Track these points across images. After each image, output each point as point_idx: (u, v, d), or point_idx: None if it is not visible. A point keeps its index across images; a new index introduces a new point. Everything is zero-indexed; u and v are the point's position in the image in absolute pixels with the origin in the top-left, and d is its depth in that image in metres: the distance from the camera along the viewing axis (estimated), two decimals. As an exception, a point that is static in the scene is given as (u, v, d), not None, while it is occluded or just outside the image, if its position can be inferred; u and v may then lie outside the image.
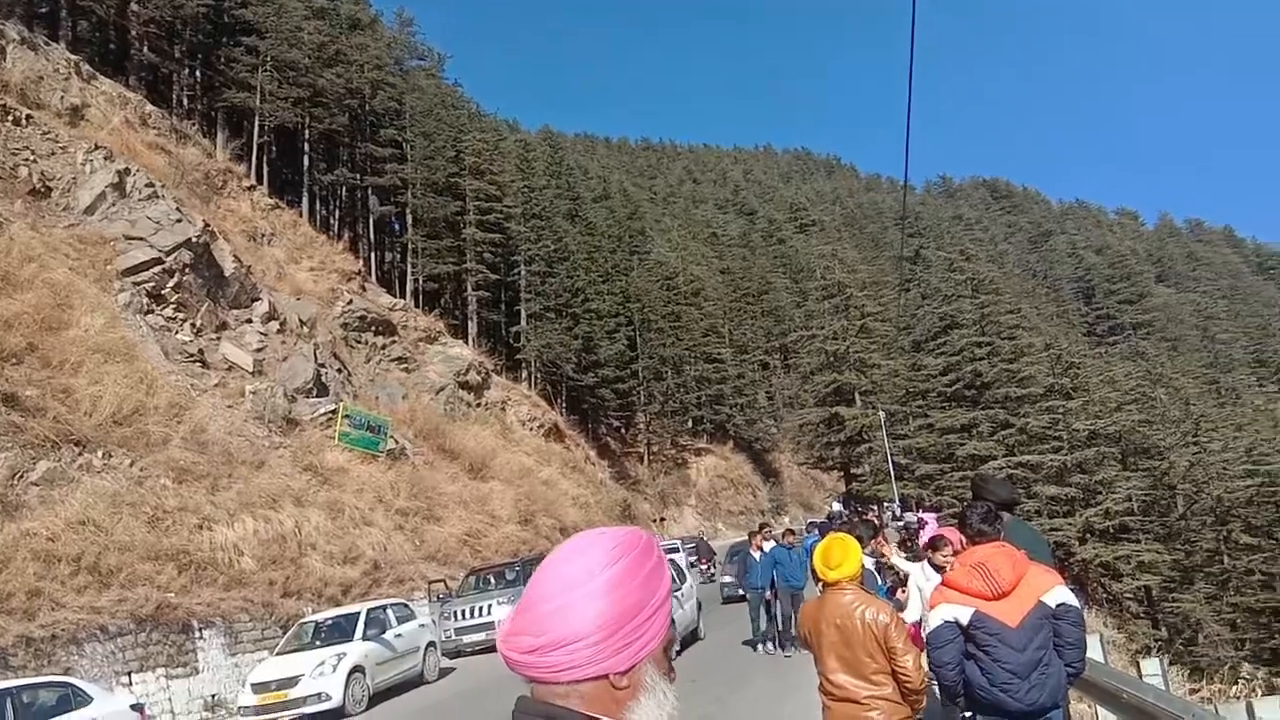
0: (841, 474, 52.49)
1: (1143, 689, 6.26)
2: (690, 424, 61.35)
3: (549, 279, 45.45)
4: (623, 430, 55.37)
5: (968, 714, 4.44)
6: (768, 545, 13.14)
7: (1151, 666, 6.95)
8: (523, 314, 44.85)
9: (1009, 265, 69.26)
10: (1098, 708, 8.01)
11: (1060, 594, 4.32)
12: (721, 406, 63.57)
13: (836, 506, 38.67)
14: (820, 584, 4.38)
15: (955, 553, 5.59)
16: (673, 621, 1.28)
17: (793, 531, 16.26)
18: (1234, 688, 10.05)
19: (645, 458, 54.47)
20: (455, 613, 17.81)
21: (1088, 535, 31.40)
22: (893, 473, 37.62)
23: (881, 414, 40.15)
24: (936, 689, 5.20)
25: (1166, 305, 69.39)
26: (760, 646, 12.90)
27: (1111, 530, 31.79)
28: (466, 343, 39.86)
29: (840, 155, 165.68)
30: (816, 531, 18.01)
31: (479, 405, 34.71)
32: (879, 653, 4.13)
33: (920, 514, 20.89)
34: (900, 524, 19.45)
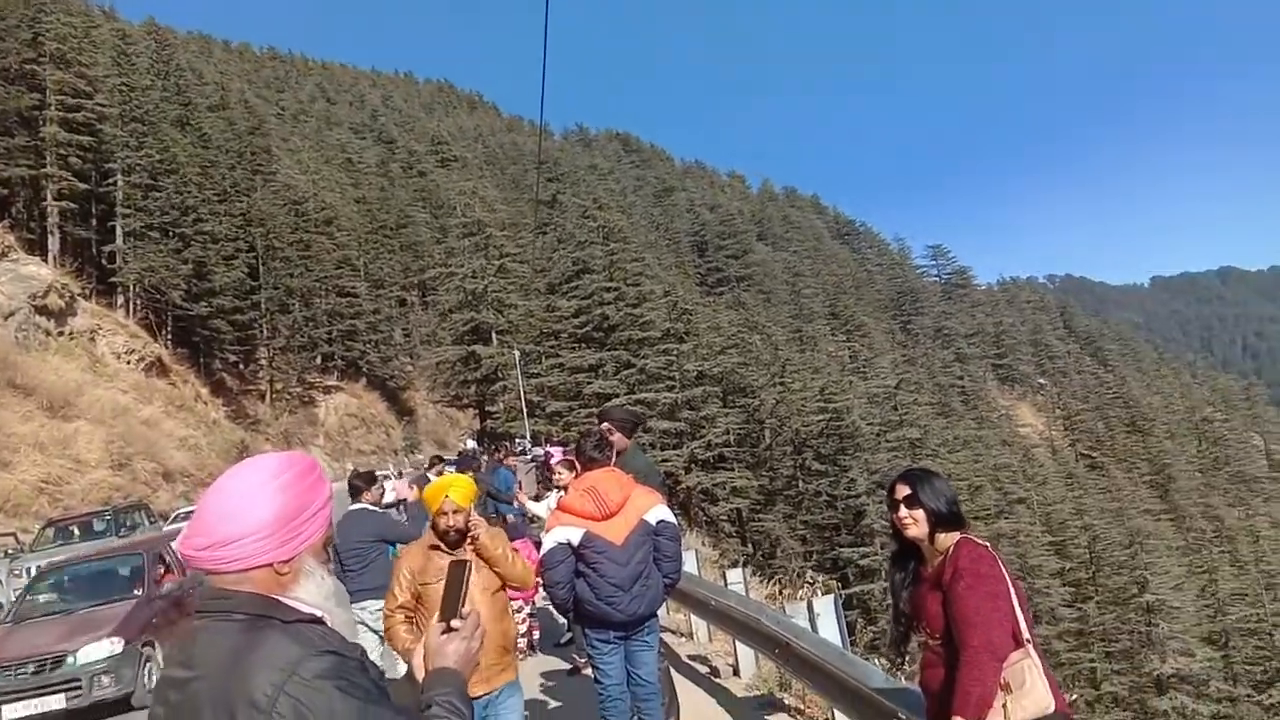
0: (476, 412, 53.14)
1: (726, 595, 7.16)
2: (320, 360, 58.16)
3: (153, 193, 40.13)
4: (241, 366, 51.05)
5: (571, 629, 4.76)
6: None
7: (735, 575, 7.95)
8: (119, 231, 39.24)
9: (636, 216, 73.81)
10: (691, 615, 9.03)
11: (660, 512, 4.78)
12: (355, 343, 60.98)
13: (470, 444, 39.08)
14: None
15: (570, 466, 5.92)
16: (330, 523, 1.62)
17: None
18: (800, 591, 11.82)
19: (268, 396, 50.80)
20: (27, 569, 15.54)
21: (692, 465, 34.93)
22: (525, 410, 38.77)
23: (517, 353, 41.05)
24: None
25: (764, 262, 78.32)
26: None
27: (711, 460, 35.62)
28: (46, 261, 34.11)
29: (483, 93, 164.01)
30: (454, 468, 18.10)
31: (62, 334, 30.03)
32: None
33: (548, 447, 21.82)
34: (529, 458, 20.15)
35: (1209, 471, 64.28)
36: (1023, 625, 2.95)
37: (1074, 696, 28.61)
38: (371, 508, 7.10)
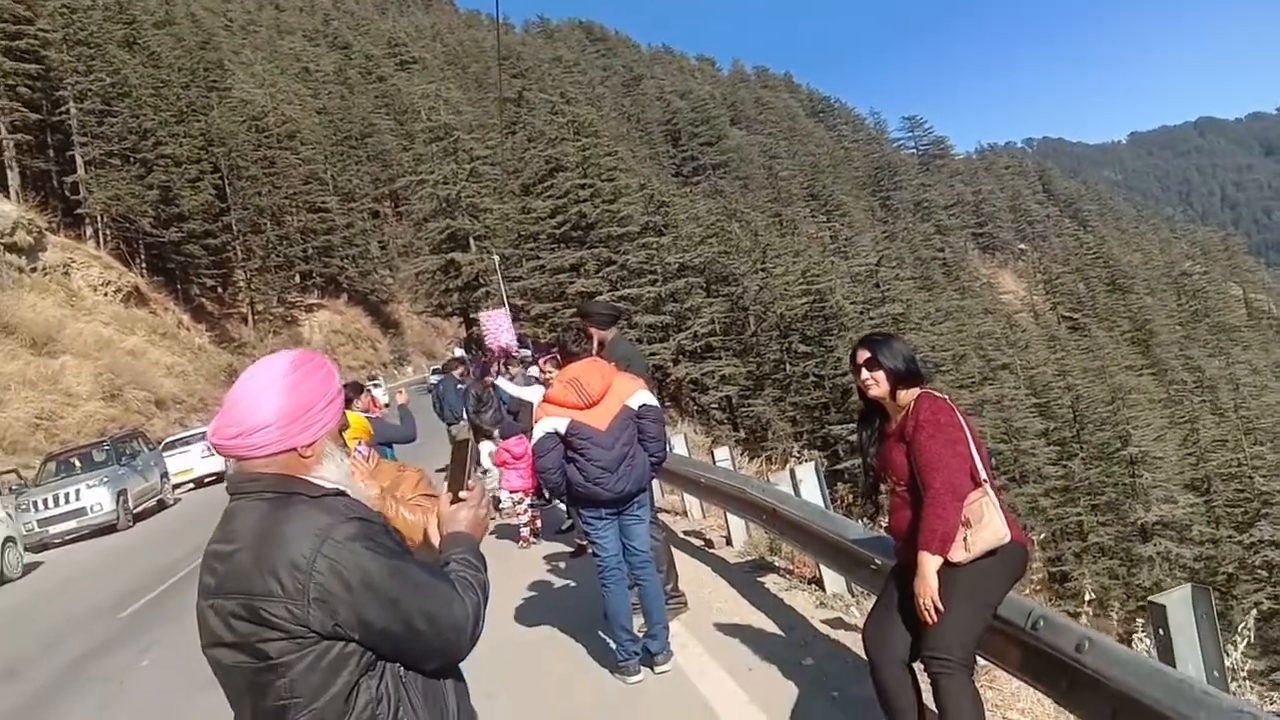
0: (461, 320, 53.10)
1: (715, 471, 7.45)
2: (298, 279, 57.71)
3: (108, 119, 38.97)
4: (220, 290, 50.65)
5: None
6: None
7: (722, 453, 8.25)
8: (79, 161, 38.30)
9: (606, 108, 72.15)
10: (684, 495, 9.38)
11: (642, 396, 4.99)
12: (332, 259, 60.41)
13: (458, 352, 39.21)
14: None
15: (551, 359, 6.12)
16: (343, 412, 1.84)
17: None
18: (788, 464, 12.20)
19: (250, 318, 50.60)
20: (35, 503, 15.90)
21: (680, 356, 35.25)
22: (510, 314, 38.75)
23: (496, 258, 40.78)
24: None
25: (739, 147, 77.12)
26: None
27: (699, 350, 35.90)
28: (8, 197, 33.39)
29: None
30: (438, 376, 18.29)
31: (35, 270, 29.68)
32: None
33: (534, 349, 22.01)
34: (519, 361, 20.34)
35: (1189, 324, 65.28)
36: (980, 467, 3.17)
37: (1061, 549, 29.87)
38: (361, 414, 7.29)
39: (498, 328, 23.36)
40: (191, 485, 21.25)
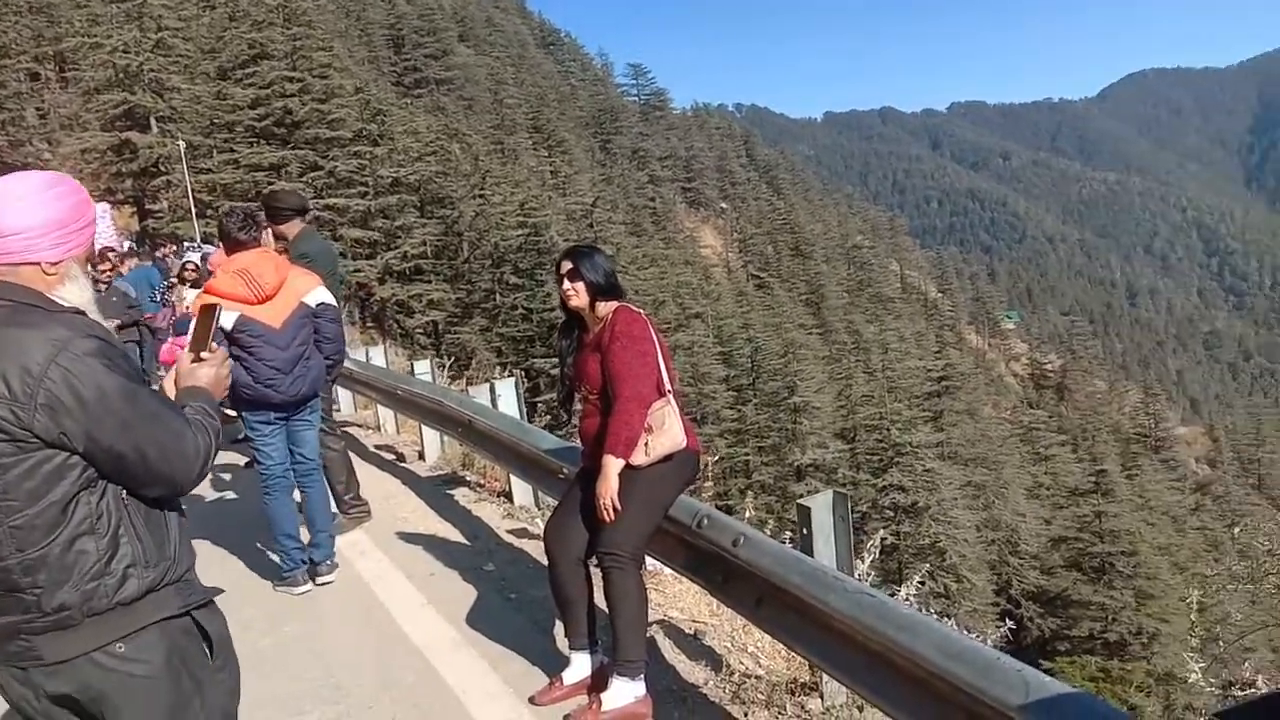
0: (135, 209, 47.19)
1: (413, 383, 7.30)
2: (-79, 139, 48.17)
3: None
4: None
5: (231, 413, 4.67)
6: None
7: (422, 366, 8.09)
8: None
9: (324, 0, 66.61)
10: (379, 408, 9.11)
11: (320, 294, 4.73)
12: (-30, 121, 50.95)
13: (126, 244, 34.92)
14: None
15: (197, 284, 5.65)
16: (94, 242, 1.86)
17: None
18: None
19: None
20: None
21: (387, 276, 33.98)
22: (194, 209, 35.09)
23: (181, 144, 36.52)
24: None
25: (466, 65, 74.61)
26: None
27: (408, 272, 34.83)
28: None
29: None
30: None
31: None
32: None
33: (198, 245, 20.02)
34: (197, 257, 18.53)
35: (854, 292, 73.46)
36: (665, 379, 3.36)
37: (730, 485, 32.78)
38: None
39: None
40: None
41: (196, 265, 9.45)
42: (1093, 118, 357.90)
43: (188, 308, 9.62)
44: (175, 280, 10.02)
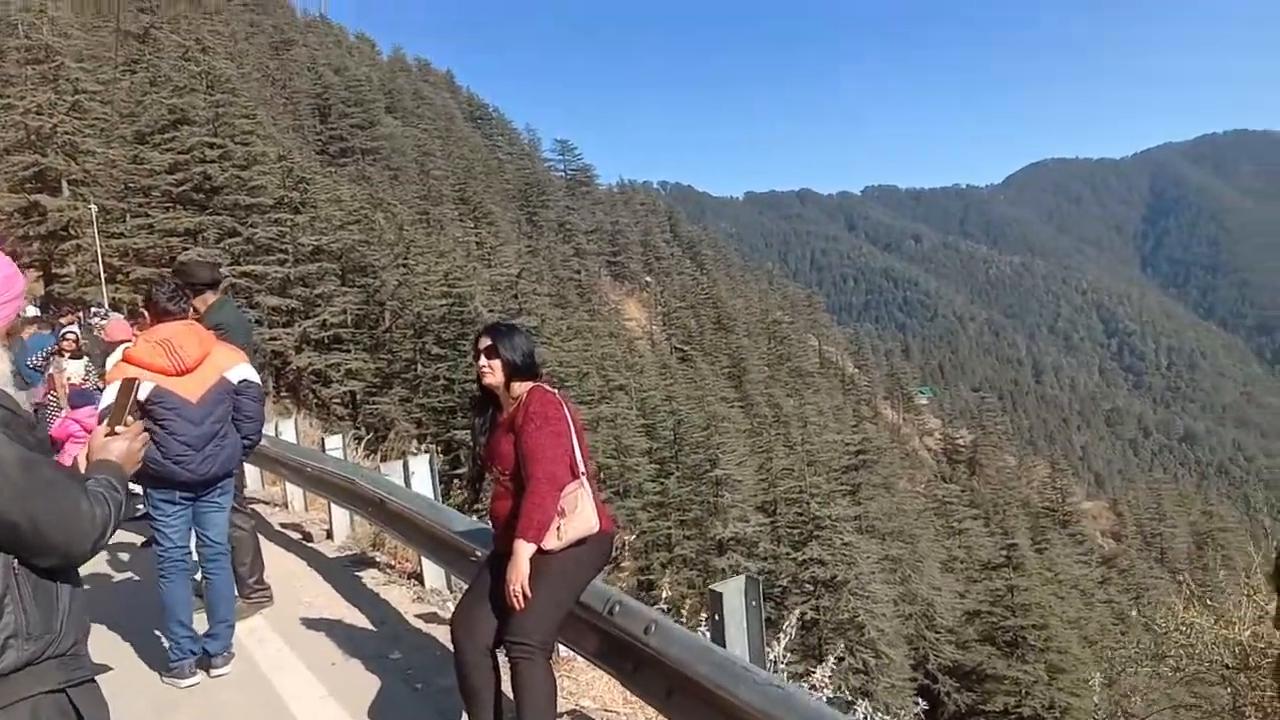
0: (41, 274, 45.49)
1: (324, 460, 7.09)
2: None
3: None
4: None
5: (137, 489, 4.46)
6: None
7: (334, 442, 7.88)
8: None
9: (249, 68, 66.10)
10: (287, 485, 8.82)
11: (243, 370, 4.59)
12: None
13: (32, 311, 33.51)
14: None
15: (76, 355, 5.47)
16: (17, 316, 1.89)
17: None
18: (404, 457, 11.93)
19: None
20: None
21: (304, 345, 33.24)
22: (103, 275, 33.99)
23: (94, 208, 35.56)
24: None
25: (393, 136, 74.72)
26: None
27: (326, 340, 34.16)
28: None
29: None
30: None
31: None
32: None
33: (107, 311, 19.32)
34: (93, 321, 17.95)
35: (774, 366, 74.71)
36: (579, 460, 3.34)
37: (652, 560, 32.50)
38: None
39: None
40: None
41: (77, 335, 9.14)
42: (997, 204, 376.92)
43: (68, 379, 9.24)
44: (53, 350, 9.65)
